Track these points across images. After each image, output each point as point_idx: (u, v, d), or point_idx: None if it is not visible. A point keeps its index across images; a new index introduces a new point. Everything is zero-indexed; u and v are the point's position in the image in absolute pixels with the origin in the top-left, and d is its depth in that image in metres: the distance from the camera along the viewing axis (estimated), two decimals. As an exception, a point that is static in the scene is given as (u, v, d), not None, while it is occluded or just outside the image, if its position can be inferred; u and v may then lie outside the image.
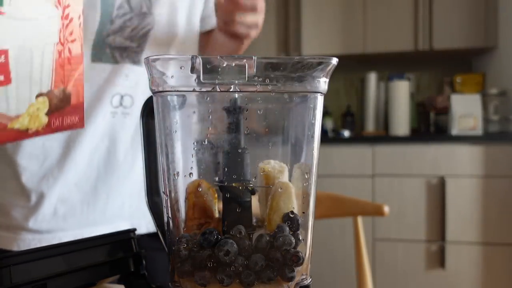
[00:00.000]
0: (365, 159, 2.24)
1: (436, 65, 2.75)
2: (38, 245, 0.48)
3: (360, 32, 2.54)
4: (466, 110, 2.24)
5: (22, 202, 0.68)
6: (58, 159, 0.68)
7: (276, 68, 0.35)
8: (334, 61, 0.36)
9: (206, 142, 0.38)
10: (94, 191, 0.71)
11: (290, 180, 0.38)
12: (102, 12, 0.66)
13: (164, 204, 0.38)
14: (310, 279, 0.37)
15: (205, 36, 0.84)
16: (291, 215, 0.35)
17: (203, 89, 0.35)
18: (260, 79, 0.35)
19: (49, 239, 0.69)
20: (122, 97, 0.70)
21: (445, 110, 2.40)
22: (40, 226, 0.68)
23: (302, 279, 0.36)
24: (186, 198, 0.37)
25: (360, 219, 1.18)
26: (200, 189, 0.37)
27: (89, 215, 0.71)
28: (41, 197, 0.68)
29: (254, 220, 0.37)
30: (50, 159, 0.67)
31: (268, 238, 0.34)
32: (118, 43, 0.69)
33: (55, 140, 0.67)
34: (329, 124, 2.73)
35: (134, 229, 0.43)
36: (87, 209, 0.71)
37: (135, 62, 0.71)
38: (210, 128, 0.38)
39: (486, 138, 2.17)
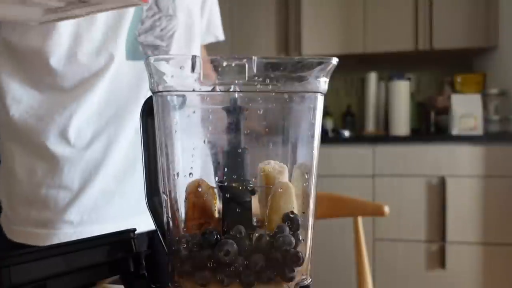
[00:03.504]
0: (365, 159, 2.24)
1: (436, 65, 2.75)
2: None
3: (360, 32, 2.54)
4: (466, 110, 2.24)
5: (63, 195, 0.68)
6: (101, 152, 0.70)
7: (276, 68, 0.35)
8: (334, 61, 0.36)
9: (206, 142, 0.38)
10: (129, 184, 0.72)
11: (290, 180, 0.38)
12: (134, 14, 0.69)
13: (164, 204, 0.38)
14: (310, 279, 0.37)
15: None
16: (291, 215, 0.35)
17: (203, 89, 0.35)
18: (260, 79, 0.35)
19: (88, 232, 0.70)
20: None
21: (446, 110, 2.40)
22: (81, 218, 0.69)
23: (302, 279, 0.36)
24: (186, 198, 0.37)
25: (360, 219, 1.18)
26: (200, 189, 0.37)
27: (124, 206, 0.72)
28: (82, 188, 0.69)
29: (254, 220, 0.37)
30: (93, 151, 0.69)
31: (268, 238, 0.34)
32: (150, 41, 0.72)
33: (99, 134, 0.69)
34: (329, 124, 2.73)
35: (134, 229, 0.43)
36: (124, 200, 0.72)
37: None
38: (210, 128, 0.38)
39: (487, 138, 2.17)
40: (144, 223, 0.55)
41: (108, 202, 0.71)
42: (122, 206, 0.72)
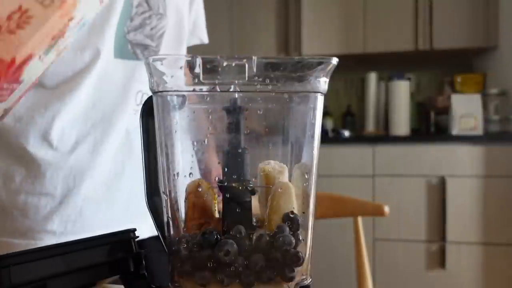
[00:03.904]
0: (365, 159, 2.24)
1: (436, 65, 2.75)
2: None
3: (360, 32, 2.54)
4: (466, 110, 2.24)
5: (44, 202, 0.64)
6: (86, 156, 0.66)
7: (276, 68, 0.35)
8: (334, 61, 0.36)
9: (206, 142, 0.38)
10: (117, 190, 0.69)
11: (290, 180, 0.38)
12: (122, 10, 0.65)
13: (164, 204, 0.38)
14: (310, 279, 0.37)
15: None
16: (291, 215, 0.35)
17: (203, 89, 0.35)
18: (260, 79, 0.35)
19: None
20: (142, 95, 0.69)
21: (446, 110, 2.40)
22: (65, 227, 0.65)
23: (302, 279, 0.36)
24: (186, 198, 0.37)
25: (360, 219, 1.18)
26: (200, 189, 0.37)
27: (112, 214, 0.69)
28: (66, 195, 0.65)
29: (254, 220, 0.37)
30: (77, 155, 0.65)
31: (268, 238, 0.34)
32: (139, 40, 0.68)
33: (84, 137, 0.65)
34: (329, 124, 2.73)
35: (134, 229, 0.43)
36: (112, 208, 0.69)
37: None
38: (210, 128, 0.38)
39: (487, 138, 2.17)
40: None
41: (94, 210, 0.67)
42: (109, 215, 0.68)
